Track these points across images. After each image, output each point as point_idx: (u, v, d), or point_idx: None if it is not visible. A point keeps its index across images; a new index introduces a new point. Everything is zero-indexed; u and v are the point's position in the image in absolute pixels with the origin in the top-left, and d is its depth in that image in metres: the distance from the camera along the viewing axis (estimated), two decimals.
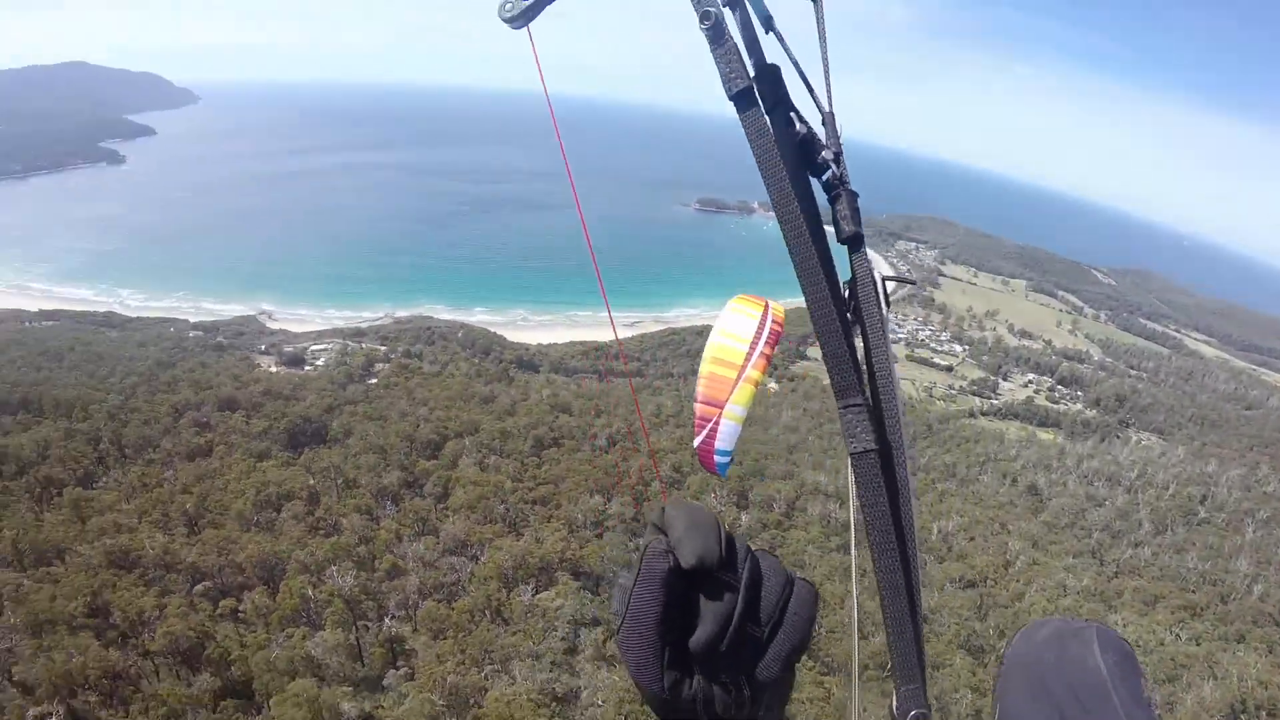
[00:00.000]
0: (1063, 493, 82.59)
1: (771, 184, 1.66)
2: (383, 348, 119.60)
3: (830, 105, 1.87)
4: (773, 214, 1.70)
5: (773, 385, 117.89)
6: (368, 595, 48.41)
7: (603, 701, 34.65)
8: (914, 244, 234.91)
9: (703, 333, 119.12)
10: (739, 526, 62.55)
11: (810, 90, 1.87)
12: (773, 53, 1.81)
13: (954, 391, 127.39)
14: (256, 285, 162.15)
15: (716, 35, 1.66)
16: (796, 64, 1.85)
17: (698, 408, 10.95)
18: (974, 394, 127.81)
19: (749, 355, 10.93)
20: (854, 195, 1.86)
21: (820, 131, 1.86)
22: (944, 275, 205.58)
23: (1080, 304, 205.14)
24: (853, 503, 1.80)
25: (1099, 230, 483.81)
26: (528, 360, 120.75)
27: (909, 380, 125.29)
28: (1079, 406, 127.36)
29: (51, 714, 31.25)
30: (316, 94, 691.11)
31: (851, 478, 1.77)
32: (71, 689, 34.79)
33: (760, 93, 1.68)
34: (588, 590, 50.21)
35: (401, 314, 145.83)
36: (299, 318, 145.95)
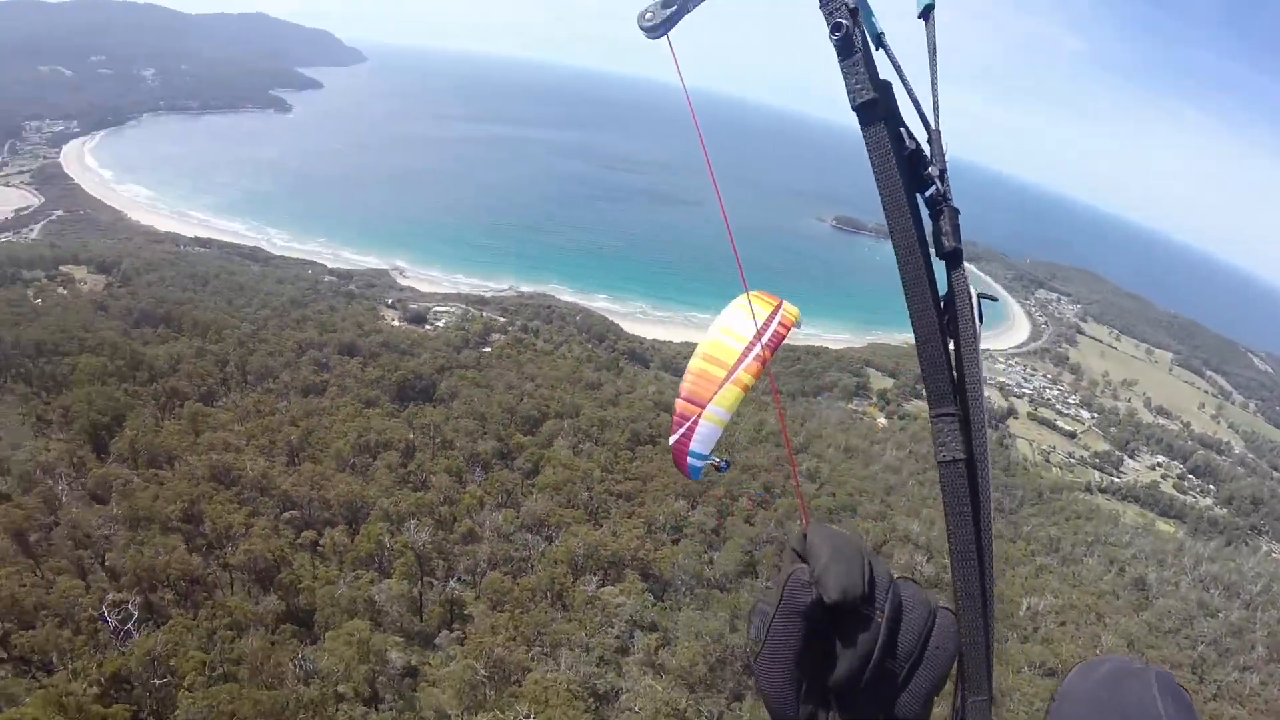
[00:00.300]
0: (1172, 594, 75.83)
1: (886, 195, 1.75)
2: (502, 319, 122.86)
3: (936, 123, 1.89)
4: None
5: (882, 420, 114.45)
6: (440, 554, 49.68)
7: (640, 709, 34.32)
8: (1056, 295, 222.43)
9: (820, 354, 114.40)
10: None
11: (918, 107, 1.89)
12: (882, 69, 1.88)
13: (1073, 460, 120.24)
14: (394, 241, 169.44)
15: (846, 47, 1.75)
16: (906, 81, 1.89)
17: (678, 404, 9.20)
18: (1094, 467, 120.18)
19: (743, 357, 9.26)
20: (955, 212, 1.90)
21: (926, 149, 1.89)
22: (1083, 334, 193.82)
23: (1229, 388, 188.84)
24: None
25: (1268, 311, 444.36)
26: (640, 354, 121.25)
27: (1025, 440, 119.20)
28: (1208, 501, 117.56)
29: (128, 602, 33.39)
30: (477, 65, 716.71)
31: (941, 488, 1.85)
32: (152, 584, 37.28)
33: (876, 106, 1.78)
34: (652, 593, 49.90)
35: (526, 289, 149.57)
36: (429, 278, 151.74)
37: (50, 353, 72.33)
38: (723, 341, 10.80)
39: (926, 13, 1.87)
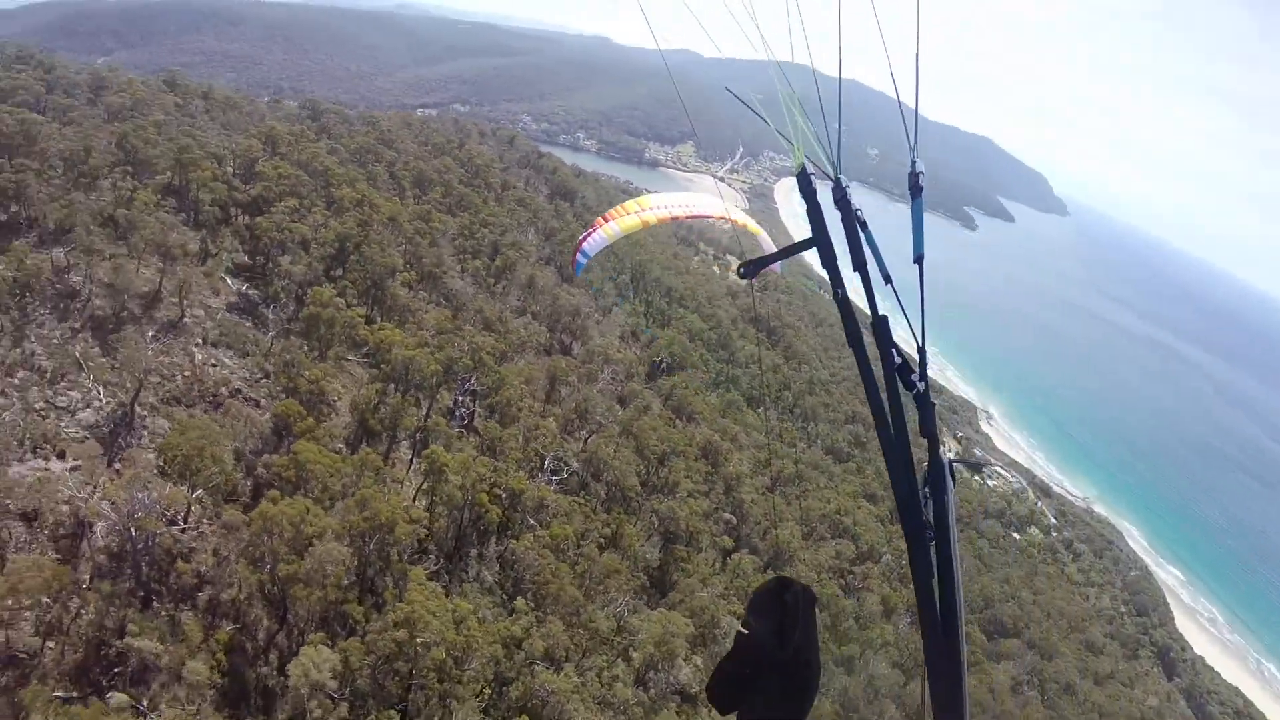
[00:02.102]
0: None
1: (874, 401, 2.49)
2: (1054, 520, 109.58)
3: (923, 343, 2.59)
4: None
5: None
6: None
7: None
8: None
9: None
10: None
11: (913, 331, 2.62)
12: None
13: None
14: (1000, 386, 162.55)
15: (844, 304, 2.74)
16: (904, 311, 2.64)
17: (597, 220, 24.62)
18: None
19: (659, 207, 23.48)
20: (933, 406, 2.55)
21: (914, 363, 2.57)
22: None
23: None
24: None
25: None
26: (1170, 662, 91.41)
27: None
28: None
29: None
30: (1167, 258, 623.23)
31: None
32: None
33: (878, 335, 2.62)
34: None
35: (1099, 510, 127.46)
36: (1009, 438, 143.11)
37: None
38: (653, 201, 15.59)
39: (919, 260, 2.64)
